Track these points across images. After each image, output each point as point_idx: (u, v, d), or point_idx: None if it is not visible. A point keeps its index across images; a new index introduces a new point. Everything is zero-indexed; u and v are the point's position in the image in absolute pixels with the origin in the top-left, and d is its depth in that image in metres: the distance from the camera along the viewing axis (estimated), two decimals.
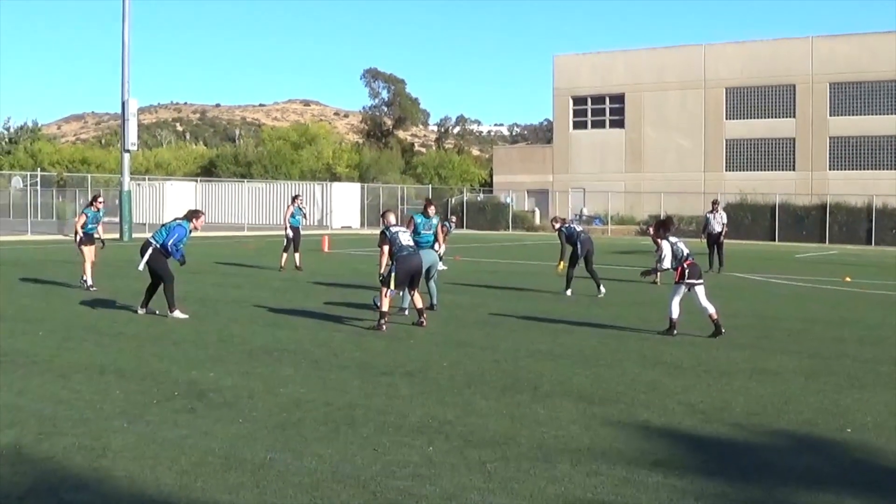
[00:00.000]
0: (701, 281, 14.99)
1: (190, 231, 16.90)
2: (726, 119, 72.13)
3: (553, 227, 22.71)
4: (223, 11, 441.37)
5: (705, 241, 30.54)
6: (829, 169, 68.45)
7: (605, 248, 42.73)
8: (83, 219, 21.83)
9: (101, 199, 22.29)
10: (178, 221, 16.97)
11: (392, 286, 15.14)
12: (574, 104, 78.21)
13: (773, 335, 15.34)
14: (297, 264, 27.41)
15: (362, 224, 69.50)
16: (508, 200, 73.88)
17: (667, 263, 15.02)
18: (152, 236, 16.92)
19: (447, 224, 28.62)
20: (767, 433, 8.80)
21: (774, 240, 58.20)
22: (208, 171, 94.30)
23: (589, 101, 77.58)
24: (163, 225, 17.26)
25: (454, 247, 38.21)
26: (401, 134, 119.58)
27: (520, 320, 16.77)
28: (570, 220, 23.32)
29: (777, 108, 70.61)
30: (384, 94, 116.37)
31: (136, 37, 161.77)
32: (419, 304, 15.65)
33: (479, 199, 78.18)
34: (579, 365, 12.22)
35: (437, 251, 18.76)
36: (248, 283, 23.33)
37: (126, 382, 10.57)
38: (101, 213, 22.15)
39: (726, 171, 71.59)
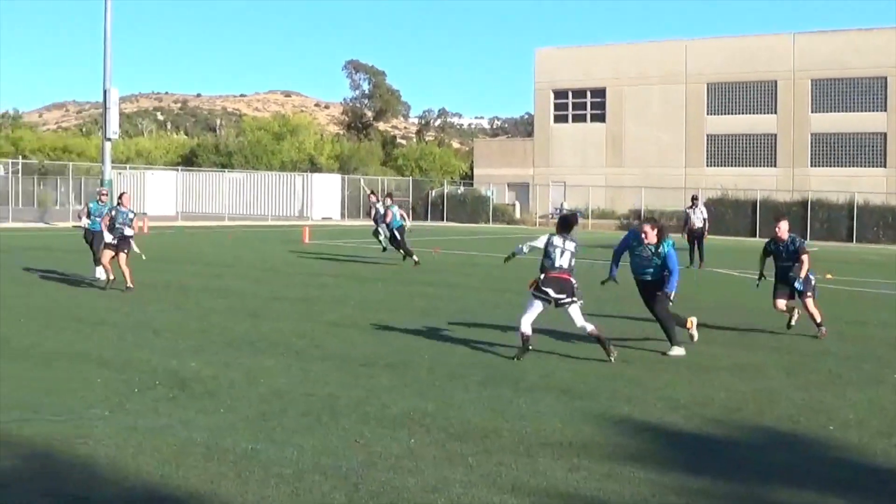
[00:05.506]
0: (556, 297, 12.26)
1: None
2: (707, 114, 72.22)
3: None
4: (206, 1, 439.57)
5: (686, 236, 30.53)
6: (811, 165, 68.62)
7: (587, 242, 42.67)
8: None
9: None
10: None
11: None
12: (555, 98, 78.14)
13: (752, 332, 15.31)
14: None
15: (342, 215, 69.44)
16: (489, 193, 73.79)
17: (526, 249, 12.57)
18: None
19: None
20: (749, 429, 8.82)
21: (756, 236, 58.36)
22: (189, 160, 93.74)
23: (570, 94, 77.49)
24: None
25: (434, 239, 38.16)
26: (381, 126, 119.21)
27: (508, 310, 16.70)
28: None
29: (758, 103, 70.72)
30: (365, 86, 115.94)
31: (118, 25, 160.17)
32: None
33: (459, 191, 78.05)
34: (560, 358, 12.20)
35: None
36: (229, 273, 23.24)
37: (107, 371, 10.54)
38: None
39: (707, 166, 71.69)
